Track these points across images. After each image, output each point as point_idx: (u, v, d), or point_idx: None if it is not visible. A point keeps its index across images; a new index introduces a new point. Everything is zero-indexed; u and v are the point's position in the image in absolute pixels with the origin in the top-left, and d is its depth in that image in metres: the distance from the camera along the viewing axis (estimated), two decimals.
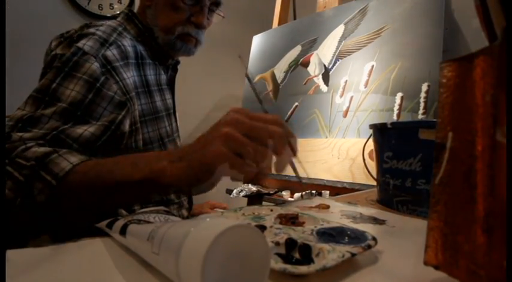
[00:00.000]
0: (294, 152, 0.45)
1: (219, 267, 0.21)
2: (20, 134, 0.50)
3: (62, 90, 0.55)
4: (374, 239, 0.31)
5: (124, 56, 0.65)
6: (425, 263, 0.25)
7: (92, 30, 0.64)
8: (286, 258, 0.29)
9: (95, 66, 0.58)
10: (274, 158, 0.43)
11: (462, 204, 0.22)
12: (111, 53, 0.63)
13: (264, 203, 1.07)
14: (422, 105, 0.84)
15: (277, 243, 0.30)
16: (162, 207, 0.47)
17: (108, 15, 1.91)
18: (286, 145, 0.43)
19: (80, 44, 0.59)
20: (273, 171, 0.44)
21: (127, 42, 0.68)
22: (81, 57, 0.58)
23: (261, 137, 0.41)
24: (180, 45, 0.76)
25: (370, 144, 0.62)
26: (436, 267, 0.24)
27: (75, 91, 0.55)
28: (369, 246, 0.30)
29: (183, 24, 0.75)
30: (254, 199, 1.08)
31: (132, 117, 0.64)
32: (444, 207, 0.23)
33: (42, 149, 0.47)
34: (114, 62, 0.62)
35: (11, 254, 0.32)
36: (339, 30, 1.16)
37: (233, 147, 0.40)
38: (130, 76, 0.65)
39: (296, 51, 1.30)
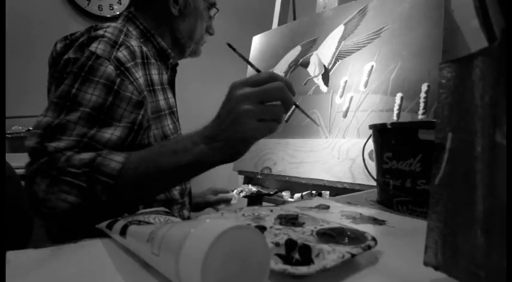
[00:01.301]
0: (293, 93, 0.50)
1: (219, 268, 0.21)
2: (54, 144, 0.52)
3: (82, 95, 0.57)
4: (374, 239, 0.31)
5: (133, 56, 0.67)
6: (425, 264, 0.25)
7: (100, 32, 0.65)
8: (286, 258, 0.29)
9: (109, 69, 0.60)
10: None
11: (462, 204, 0.22)
12: (122, 54, 0.64)
13: (264, 203, 1.07)
14: (422, 105, 0.84)
15: (277, 244, 0.30)
16: (162, 208, 0.47)
17: (108, 15, 1.91)
18: (289, 93, 0.49)
19: (92, 48, 0.60)
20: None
21: (134, 43, 0.69)
22: (95, 61, 0.59)
23: (274, 97, 0.48)
24: (199, 52, 0.87)
25: (370, 145, 0.62)
26: (436, 268, 0.24)
27: (95, 95, 0.57)
28: (369, 247, 0.30)
29: (204, 33, 0.85)
30: (254, 199, 1.08)
31: (146, 114, 0.67)
32: (444, 207, 0.23)
33: (86, 155, 0.51)
34: (126, 63, 0.64)
35: (11, 255, 0.32)
36: (339, 30, 1.16)
37: (262, 117, 0.47)
38: (141, 75, 0.67)
39: (296, 51, 1.30)
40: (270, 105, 0.48)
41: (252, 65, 0.63)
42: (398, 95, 0.90)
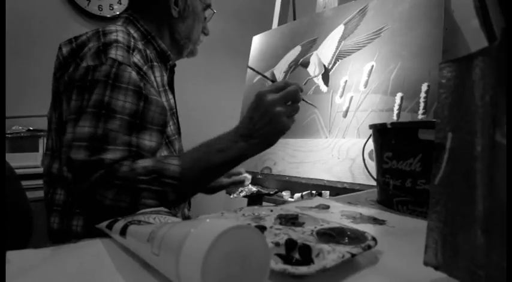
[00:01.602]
0: (301, 90, 0.65)
1: (219, 268, 0.21)
2: (109, 156, 0.57)
3: (114, 102, 0.59)
4: (374, 239, 0.31)
5: (145, 60, 0.69)
6: (425, 264, 0.25)
7: (113, 37, 0.65)
8: (286, 258, 0.29)
9: (133, 74, 0.62)
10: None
11: (462, 204, 0.22)
12: (136, 58, 0.66)
13: (264, 203, 1.07)
14: (422, 105, 0.84)
15: (277, 244, 0.30)
16: (162, 208, 0.47)
17: (108, 16, 1.91)
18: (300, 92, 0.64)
19: (112, 55, 0.61)
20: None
21: (140, 46, 0.71)
22: (119, 68, 0.61)
23: (292, 97, 0.63)
24: (196, 51, 0.90)
25: (370, 145, 0.62)
26: (436, 268, 0.24)
27: (128, 102, 0.61)
28: (369, 247, 0.30)
29: (200, 34, 0.88)
30: (254, 199, 1.08)
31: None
32: (444, 207, 0.23)
33: (146, 163, 0.58)
34: (143, 67, 0.67)
35: (11, 255, 0.32)
36: (339, 30, 1.16)
37: (289, 114, 0.62)
38: (153, 79, 0.71)
39: (296, 51, 1.30)
40: (293, 105, 0.63)
41: (269, 79, 0.79)
42: (399, 95, 0.90)
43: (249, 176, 0.97)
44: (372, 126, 0.59)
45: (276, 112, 0.60)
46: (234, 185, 0.98)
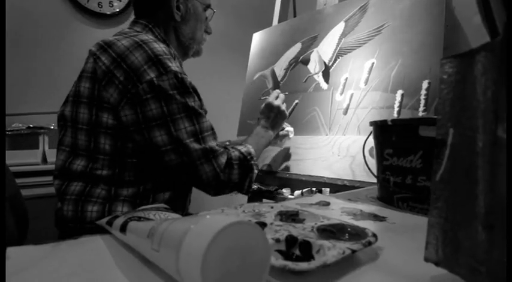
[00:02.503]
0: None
1: (219, 263, 0.21)
2: (214, 143, 0.77)
3: (192, 105, 0.75)
4: (374, 235, 0.31)
5: (178, 65, 0.79)
6: (426, 260, 0.25)
7: (159, 48, 0.75)
8: (287, 255, 0.29)
9: (189, 79, 0.77)
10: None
11: (463, 200, 0.22)
12: (176, 65, 0.77)
13: (264, 200, 1.07)
14: (422, 102, 0.84)
15: (277, 240, 0.30)
16: (162, 205, 0.47)
17: (108, 13, 1.91)
18: None
19: (172, 68, 0.74)
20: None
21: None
22: (181, 78, 0.74)
23: (283, 101, 1.04)
24: (201, 51, 1.00)
25: (371, 142, 0.62)
26: (437, 264, 0.24)
27: (196, 100, 0.78)
28: (370, 243, 0.30)
29: (203, 33, 0.98)
30: (254, 196, 1.08)
31: None
32: (445, 203, 0.23)
33: (236, 153, 0.81)
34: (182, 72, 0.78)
35: (11, 252, 0.32)
36: (339, 27, 1.15)
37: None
38: None
39: (296, 48, 1.29)
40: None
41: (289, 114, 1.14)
42: (399, 92, 0.90)
43: (292, 129, 1.10)
44: (372, 123, 0.59)
45: (282, 109, 1.01)
46: (280, 137, 1.10)
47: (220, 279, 0.21)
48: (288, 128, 1.09)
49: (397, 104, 0.89)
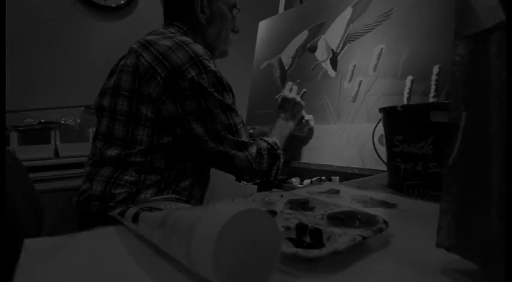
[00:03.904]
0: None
1: (230, 251, 0.21)
2: (245, 136, 0.85)
3: (227, 102, 0.82)
4: (385, 222, 0.31)
5: (215, 65, 0.84)
6: (438, 245, 0.24)
7: (200, 49, 0.80)
8: (297, 242, 0.29)
9: (224, 78, 0.83)
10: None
11: (476, 184, 0.21)
12: (214, 65, 0.82)
13: (273, 189, 1.08)
14: (433, 88, 0.82)
15: (287, 228, 0.30)
16: (173, 195, 0.47)
17: (113, 5, 1.90)
18: None
19: (211, 68, 0.80)
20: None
21: None
22: (219, 77, 0.81)
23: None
24: (227, 52, 1.05)
25: (380, 130, 0.62)
26: (448, 249, 0.24)
27: (231, 98, 0.84)
28: (380, 230, 0.30)
29: (230, 33, 1.02)
30: (264, 186, 1.09)
31: None
32: (457, 188, 0.23)
33: (265, 144, 0.89)
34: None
35: (28, 243, 0.33)
36: (347, 13, 1.13)
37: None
38: None
39: (303, 36, 1.28)
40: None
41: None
42: (409, 78, 0.88)
43: (311, 116, 1.11)
44: (381, 110, 0.58)
45: (298, 101, 1.04)
46: (302, 126, 1.11)
47: (232, 267, 0.21)
48: (308, 117, 1.11)
49: (406, 90, 0.88)
